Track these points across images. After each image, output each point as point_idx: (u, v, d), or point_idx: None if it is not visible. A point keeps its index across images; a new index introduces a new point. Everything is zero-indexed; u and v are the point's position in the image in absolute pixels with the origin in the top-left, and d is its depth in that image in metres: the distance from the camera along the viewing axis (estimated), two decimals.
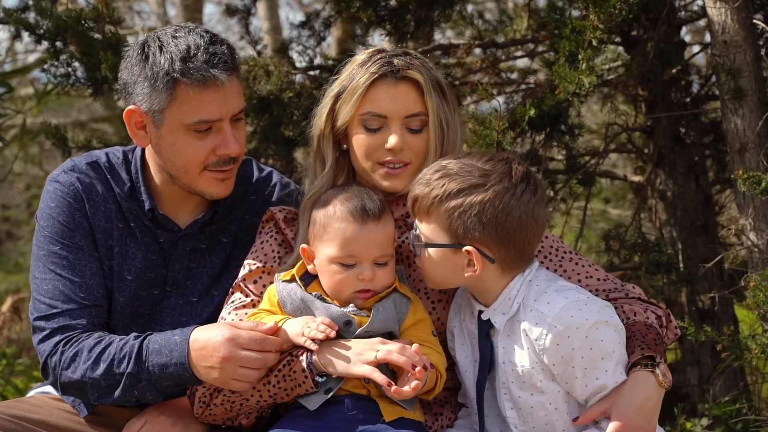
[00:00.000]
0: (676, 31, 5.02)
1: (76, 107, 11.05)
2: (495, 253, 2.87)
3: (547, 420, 2.90)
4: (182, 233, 3.33)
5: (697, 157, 5.01)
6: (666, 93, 4.97)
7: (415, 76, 3.10)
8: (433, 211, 2.89)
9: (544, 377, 2.86)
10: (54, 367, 3.13)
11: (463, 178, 2.87)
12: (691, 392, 4.90)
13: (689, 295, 4.88)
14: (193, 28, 3.16)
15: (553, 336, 2.79)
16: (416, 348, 2.85)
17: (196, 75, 3.06)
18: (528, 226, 2.87)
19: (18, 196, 12.33)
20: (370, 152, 3.12)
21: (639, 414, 2.80)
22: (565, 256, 3.17)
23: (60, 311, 3.17)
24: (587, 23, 3.92)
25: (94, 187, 3.30)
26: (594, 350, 2.79)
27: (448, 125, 3.12)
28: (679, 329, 3.15)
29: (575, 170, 4.84)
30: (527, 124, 4.20)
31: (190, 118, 3.11)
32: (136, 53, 3.16)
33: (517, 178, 2.87)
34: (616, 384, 2.82)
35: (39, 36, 4.50)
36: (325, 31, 5.34)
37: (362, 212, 2.97)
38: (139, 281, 3.30)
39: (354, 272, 2.96)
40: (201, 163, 3.17)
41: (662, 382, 2.84)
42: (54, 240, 3.25)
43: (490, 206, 2.83)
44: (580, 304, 2.82)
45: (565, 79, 4.00)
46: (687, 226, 4.95)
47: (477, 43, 5.22)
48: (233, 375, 2.93)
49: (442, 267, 2.93)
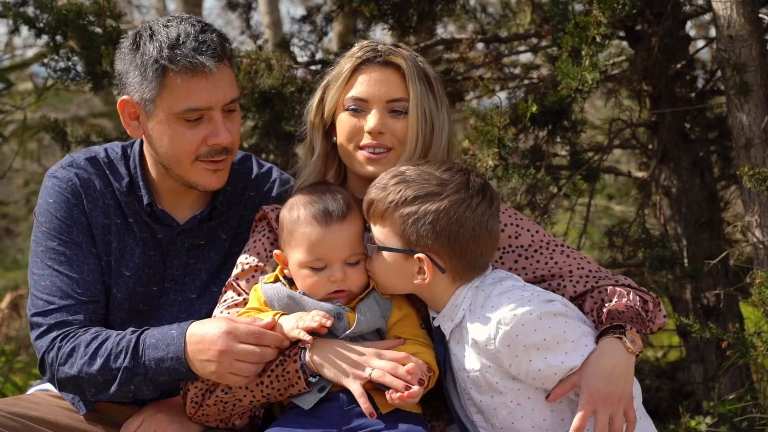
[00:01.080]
0: (680, 26, 5.00)
1: (75, 102, 11.02)
2: (446, 263, 2.89)
3: (512, 419, 2.89)
4: (180, 229, 3.32)
5: (702, 153, 4.99)
6: (670, 88, 4.95)
7: (398, 61, 3.12)
8: (388, 216, 2.90)
9: (501, 378, 2.86)
10: (51, 362, 3.13)
11: (420, 186, 2.89)
12: (695, 390, 4.89)
13: (694, 291, 4.86)
14: (186, 18, 3.15)
15: (501, 337, 2.79)
16: (409, 368, 2.85)
17: (183, 62, 3.06)
18: (481, 238, 2.89)
19: (16, 192, 12.30)
20: (351, 135, 3.13)
21: (608, 382, 2.79)
22: (557, 249, 3.17)
23: (57, 307, 3.16)
24: (590, 19, 3.90)
25: (92, 182, 3.29)
26: (547, 339, 2.79)
27: (431, 117, 3.12)
28: (667, 317, 3.15)
29: (579, 166, 4.82)
30: (529, 120, 4.19)
31: (179, 107, 3.11)
32: (129, 42, 3.16)
33: (474, 189, 2.90)
34: (584, 357, 2.82)
35: (39, 30, 4.49)
36: (327, 26, 5.33)
37: (325, 215, 2.98)
38: (137, 277, 3.29)
39: (325, 274, 2.98)
40: (192, 153, 3.16)
41: (630, 348, 2.83)
42: (52, 236, 3.23)
43: (444, 216, 2.85)
44: (523, 301, 2.81)
45: (568, 75, 3.99)
46: (692, 222, 4.93)
47: (479, 37, 5.20)
48: (230, 369, 2.91)
49: (392, 272, 2.95)
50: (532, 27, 5.27)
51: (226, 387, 3.00)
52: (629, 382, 2.84)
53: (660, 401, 5.02)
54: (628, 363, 2.84)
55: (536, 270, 3.15)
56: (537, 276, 3.14)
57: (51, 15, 4.45)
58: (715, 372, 4.78)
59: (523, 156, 4.71)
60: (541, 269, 3.15)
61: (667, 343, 6.10)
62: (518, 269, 3.14)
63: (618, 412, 2.81)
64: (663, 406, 4.95)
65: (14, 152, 7.80)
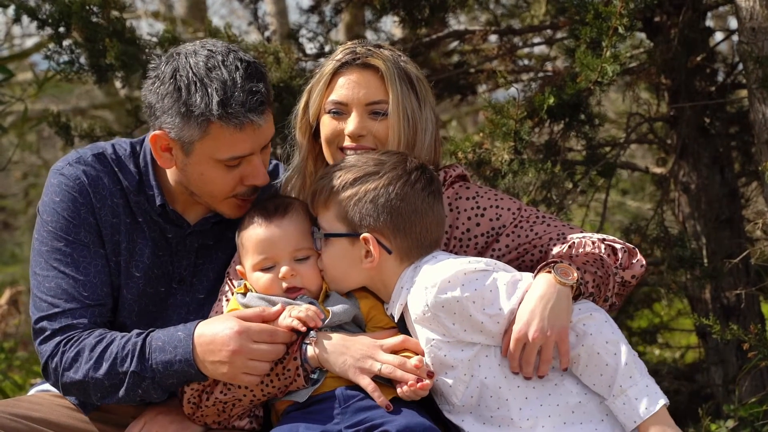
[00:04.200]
0: (701, 17, 4.93)
1: (76, 93, 10.93)
2: (391, 242, 2.96)
3: (471, 393, 2.89)
4: (191, 230, 3.28)
5: (722, 149, 4.94)
6: (690, 81, 4.90)
7: (376, 63, 3.14)
8: (331, 201, 3.00)
9: (449, 350, 2.88)
10: (55, 367, 3.10)
11: (359, 168, 2.99)
12: (715, 393, 4.87)
13: (713, 291, 4.83)
14: (226, 53, 3.05)
15: (432, 300, 2.84)
16: (417, 361, 2.88)
17: (234, 121, 3.01)
18: (424, 214, 2.96)
19: (15, 184, 12.21)
20: (332, 138, 3.17)
21: (537, 314, 2.81)
22: (537, 220, 3.17)
23: (62, 311, 3.12)
24: (612, 9, 3.85)
25: (100, 180, 3.22)
26: (479, 290, 2.83)
27: (414, 117, 3.13)
28: (644, 267, 3.13)
29: (595, 161, 4.77)
30: (546, 113, 4.15)
31: (222, 155, 3.07)
32: (168, 82, 3.04)
33: (411, 167, 2.99)
34: (519, 299, 2.86)
35: (42, 21, 4.45)
36: (336, 16, 5.26)
37: (263, 213, 3.08)
38: (147, 278, 3.25)
39: (274, 272, 3.05)
40: (228, 193, 3.15)
41: (558, 279, 2.84)
42: (58, 236, 3.18)
43: (383, 191, 2.95)
44: (447, 263, 2.89)
45: (588, 66, 3.96)
46: (711, 219, 4.89)
47: (493, 29, 5.15)
48: (243, 369, 2.90)
49: (341, 260, 3.00)
50: (547, 18, 5.20)
51: (225, 388, 2.99)
52: (562, 314, 2.83)
53: (678, 404, 5.02)
54: (559, 295, 2.84)
55: (519, 244, 3.14)
56: (520, 249, 3.14)
57: (54, 6, 4.41)
58: (736, 374, 4.74)
59: (537, 151, 4.65)
60: (522, 241, 3.14)
61: (685, 343, 6.04)
62: (501, 247, 3.15)
63: (548, 343, 2.82)
64: (681, 409, 4.94)
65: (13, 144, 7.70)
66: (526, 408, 2.86)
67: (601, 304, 2.96)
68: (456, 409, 2.93)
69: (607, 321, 2.88)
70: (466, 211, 3.17)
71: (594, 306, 2.91)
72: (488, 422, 2.89)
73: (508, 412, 2.87)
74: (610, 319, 2.90)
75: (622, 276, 3.06)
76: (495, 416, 2.88)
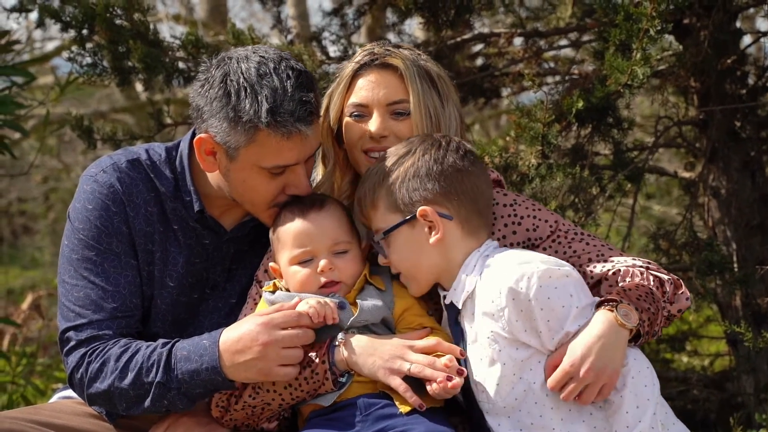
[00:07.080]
0: (731, 19, 4.86)
1: (96, 97, 10.94)
2: (448, 208, 2.95)
3: (516, 395, 2.86)
4: (229, 236, 3.28)
5: (753, 153, 4.88)
6: (720, 84, 4.84)
7: (394, 62, 3.13)
8: (377, 198, 3.00)
9: (505, 345, 2.85)
10: (81, 378, 3.10)
11: (390, 158, 3.01)
12: (746, 401, 4.80)
13: (744, 298, 4.77)
14: (278, 60, 3.03)
15: (507, 292, 2.80)
16: (448, 360, 2.86)
17: (282, 129, 2.99)
18: (467, 171, 2.96)
19: (35, 188, 12.21)
20: (355, 140, 3.17)
21: (591, 352, 2.78)
22: (576, 237, 3.11)
23: (88, 321, 3.11)
24: (643, 10, 3.81)
25: (135, 188, 3.20)
26: (552, 299, 2.80)
27: (436, 115, 3.13)
28: (690, 300, 3.08)
29: (623, 166, 4.71)
30: (574, 117, 4.11)
31: (267, 163, 3.06)
32: (217, 86, 3.03)
33: (437, 138, 3.01)
34: (579, 327, 2.83)
35: (65, 24, 4.45)
36: (359, 19, 5.23)
37: (300, 207, 3.06)
38: (181, 286, 3.24)
39: (312, 266, 3.03)
40: (270, 201, 3.13)
41: (620, 321, 2.80)
42: (89, 245, 3.16)
43: (421, 162, 2.96)
44: (525, 257, 2.87)
45: (617, 69, 3.92)
46: (742, 225, 4.84)
47: (518, 31, 5.10)
48: (278, 360, 2.89)
49: (408, 251, 2.98)
50: (573, 21, 5.14)
51: (253, 391, 2.98)
52: (616, 357, 2.80)
53: (708, 412, 4.97)
54: (618, 336, 2.80)
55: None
56: None
57: (78, 9, 4.41)
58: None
59: (564, 155, 4.60)
60: (560, 257, 3.06)
61: (714, 351, 5.97)
62: None
63: (595, 384, 2.78)
64: (711, 418, 4.89)
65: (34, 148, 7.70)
66: (568, 421, 2.82)
67: (648, 339, 2.92)
68: (495, 410, 2.89)
69: (648, 381, 2.85)
70: (503, 217, 3.12)
71: (642, 356, 2.87)
72: (526, 429, 2.85)
73: (550, 421, 2.84)
74: (652, 372, 2.87)
75: (669, 310, 3.01)
76: (535, 424, 2.85)
